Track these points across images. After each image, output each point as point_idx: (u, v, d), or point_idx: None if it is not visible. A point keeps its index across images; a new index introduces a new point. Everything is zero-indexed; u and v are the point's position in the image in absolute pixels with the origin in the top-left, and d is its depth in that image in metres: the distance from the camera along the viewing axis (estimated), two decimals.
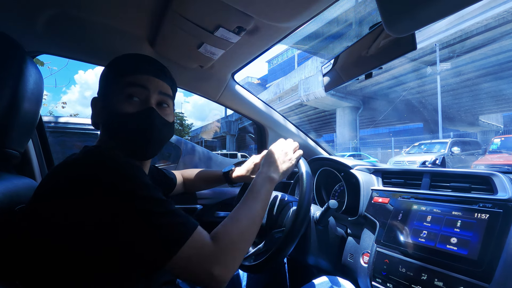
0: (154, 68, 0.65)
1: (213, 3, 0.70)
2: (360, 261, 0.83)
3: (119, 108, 0.60)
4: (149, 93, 0.62)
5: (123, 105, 0.60)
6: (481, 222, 0.63)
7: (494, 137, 8.68)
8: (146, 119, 0.61)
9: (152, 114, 0.62)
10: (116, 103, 0.61)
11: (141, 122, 0.61)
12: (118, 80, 0.62)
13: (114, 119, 0.61)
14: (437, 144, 10.23)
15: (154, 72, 0.65)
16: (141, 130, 0.61)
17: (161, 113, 0.64)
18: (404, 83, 15.40)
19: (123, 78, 0.62)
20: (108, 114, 0.62)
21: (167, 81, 0.67)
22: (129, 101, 0.61)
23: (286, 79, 22.65)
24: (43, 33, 0.85)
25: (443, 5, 0.40)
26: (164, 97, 0.66)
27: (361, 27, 12.90)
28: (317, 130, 27.33)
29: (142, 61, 0.66)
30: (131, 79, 0.62)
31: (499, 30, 10.53)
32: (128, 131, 0.61)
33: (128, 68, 0.63)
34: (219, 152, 16.06)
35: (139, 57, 0.67)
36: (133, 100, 0.61)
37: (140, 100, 0.62)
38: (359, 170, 1.00)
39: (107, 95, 0.63)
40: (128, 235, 0.48)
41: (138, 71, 0.63)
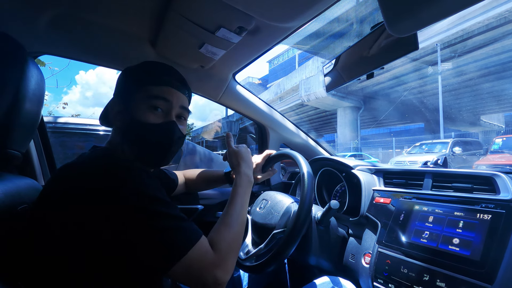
0: (176, 80, 0.68)
1: (214, 3, 0.70)
2: (362, 262, 0.83)
3: (142, 117, 0.62)
4: (171, 106, 0.66)
5: (146, 115, 0.63)
6: (483, 223, 0.63)
7: (496, 137, 8.64)
8: (167, 132, 0.65)
9: (173, 128, 0.66)
10: (138, 111, 0.63)
11: (162, 134, 0.65)
12: (141, 89, 0.64)
13: (135, 127, 0.63)
14: (439, 144, 10.20)
15: (176, 85, 0.68)
16: (161, 141, 0.65)
17: (179, 126, 0.68)
18: (405, 83, 15.36)
19: (147, 88, 0.64)
20: (128, 120, 0.63)
21: (185, 93, 0.70)
22: (152, 112, 0.63)
23: (287, 79, 22.64)
24: (45, 33, 0.85)
25: (445, 5, 0.40)
26: (183, 111, 0.69)
27: (362, 27, 12.88)
28: (318, 130, 27.29)
29: (166, 73, 0.68)
30: (156, 91, 0.64)
31: (500, 30, 10.49)
32: (148, 140, 0.64)
33: (153, 79, 0.65)
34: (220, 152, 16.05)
35: (162, 68, 0.69)
36: (157, 112, 0.64)
37: (163, 111, 0.65)
38: (361, 171, 1.00)
39: (127, 101, 0.64)
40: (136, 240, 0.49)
41: (163, 82, 0.66)
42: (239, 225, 0.66)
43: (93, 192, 0.49)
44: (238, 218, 0.67)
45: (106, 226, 0.48)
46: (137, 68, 0.68)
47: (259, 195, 0.99)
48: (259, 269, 0.74)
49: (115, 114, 0.66)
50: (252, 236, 0.88)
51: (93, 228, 0.48)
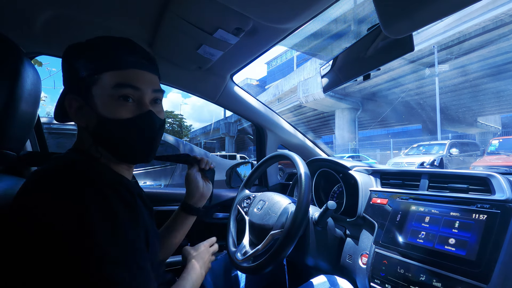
0: (142, 57, 0.57)
1: (212, 4, 0.70)
2: (359, 262, 0.83)
3: (110, 113, 0.53)
4: (142, 93, 0.55)
5: (115, 109, 0.53)
6: (479, 223, 0.63)
7: (492, 138, 8.69)
8: (146, 125, 0.56)
9: (151, 118, 0.56)
10: (104, 106, 0.53)
11: (140, 129, 0.56)
12: (99, 78, 0.53)
13: (105, 126, 0.53)
14: (436, 146, 10.24)
15: (144, 64, 0.56)
16: (141, 137, 0.56)
17: (156, 112, 0.58)
18: (402, 84, 15.44)
19: (107, 75, 0.53)
20: (94, 119, 0.54)
21: (154, 71, 0.59)
22: (122, 105, 0.53)
23: (285, 80, 22.70)
24: (41, 34, 0.85)
25: (439, 7, 0.40)
26: (157, 94, 0.59)
27: (359, 28, 12.94)
28: (316, 132, 27.36)
29: (128, 50, 0.56)
30: (120, 77, 0.53)
31: (496, 32, 10.58)
32: (125, 139, 0.55)
33: (112, 62, 0.54)
34: (218, 153, 16.05)
35: (121, 44, 0.57)
36: (127, 103, 0.54)
37: (134, 101, 0.55)
38: (358, 171, 1.00)
39: (85, 95, 0.54)
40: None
41: (127, 64, 0.54)
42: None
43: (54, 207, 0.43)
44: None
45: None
46: (86, 48, 0.55)
47: (257, 196, 0.99)
48: (257, 270, 0.74)
49: (75, 111, 0.55)
50: (250, 237, 0.88)
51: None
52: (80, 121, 0.56)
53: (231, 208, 1.02)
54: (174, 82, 1.18)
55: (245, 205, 0.98)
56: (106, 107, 0.53)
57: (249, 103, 1.34)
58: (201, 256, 0.76)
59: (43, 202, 0.44)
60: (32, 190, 0.47)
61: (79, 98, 0.54)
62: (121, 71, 0.53)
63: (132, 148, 0.57)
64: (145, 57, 0.57)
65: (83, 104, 0.54)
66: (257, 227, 0.86)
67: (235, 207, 1.01)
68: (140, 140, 0.57)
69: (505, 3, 9.59)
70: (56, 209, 0.43)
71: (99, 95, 0.53)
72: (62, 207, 0.43)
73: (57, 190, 0.45)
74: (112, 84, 0.52)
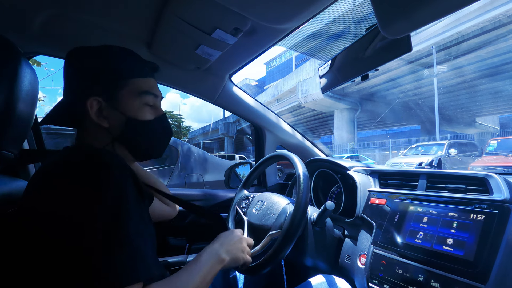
0: (152, 68, 0.67)
1: (210, 4, 0.70)
2: (357, 263, 0.83)
3: (139, 115, 0.61)
4: (158, 100, 0.66)
5: (143, 112, 0.62)
6: (477, 223, 0.63)
7: (491, 139, 8.73)
8: (166, 124, 0.67)
9: (166, 119, 0.68)
10: (133, 109, 0.61)
11: (162, 129, 0.66)
12: (127, 83, 0.61)
13: (136, 126, 0.62)
14: (434, 146, 10.26)
15: (153, 73, 0.67)
16: (163, 135, 0.68)
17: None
18: (401, 85, 15.48)
19: (134, 82, 0.61)
20: (123, 119, 0.60)
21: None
22: (146, 109, 0.63)
23: (284, 81, 22.72)
24: (39, 34, 0.84)
25: (437, 7, 0.40)
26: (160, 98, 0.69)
27: (358, 29, 12.97)
28: (315, 132, 27.39)
29: (144, 61, 0.66)
30: (145, 85, 0.63)
31: (495, 33, 10.63)
32: (151, 137, 0.65)
33: (138, 71, 0.63)
34: (217, 154, 16.06)
35: (132, 53, 0.65)
36: (149, 107, 0.64)
37: (153, 106, 0.65)
38: (356, 172, 1.00)
39: (110, 97, 0.60)
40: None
41: (148, 74, 0.65)
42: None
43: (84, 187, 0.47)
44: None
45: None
46: (112, 56, 0.62)
47: (255, 196, 0.99)
48: (255, 270, 0.74)
49: (96, 112, 0.59)
50: (248, 237, 0.88)
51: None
52: (102, 122, 0.60)
53: (230, 209, 1.01)
54: (172, 82, 1.18)
55: (244, 206, 0.98)
56: (134, 110, 0.61)
57: (247, 104, 1.34)
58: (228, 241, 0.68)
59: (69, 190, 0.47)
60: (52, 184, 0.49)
61: (102, 100, 0.59)
62: (145, 79, 0.63)
63: (154, 144, 0.67)
64: (153, 66, 0.67)
65: (106, 106, 0.59)
66: (256, 228, 0.86)
67: (234, 207, 1.01)
68: (162, 138, 0.68)
69: (503, 4, 9.63)
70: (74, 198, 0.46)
71: (127, 99, 0.60)
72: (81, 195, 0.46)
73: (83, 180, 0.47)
74: (139, 90, 0.61)
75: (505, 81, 13.57)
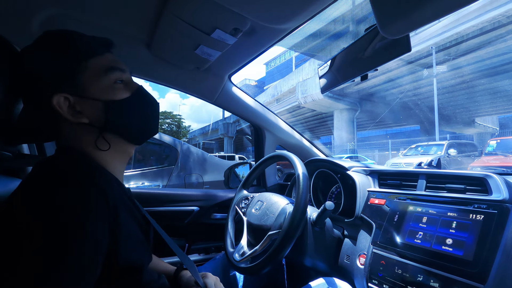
0: (105, 43, 0.60)
1: (210, 4, 0.70)
2: (357, 263, 0.83)
3: (115, 96, 0.54)
4: (125, 73, 0.58)
5: (116, 92, 0.55)
6: (476, 223, 0.63)
7: (490, 139, 8.73)
8: (148, 97, 0.60)
9: (145, 91, 0.60)
10: (105, 91, 0.54)
11: (145, 101, 0.59)
12: (83, 67, 0.52)
13: (116, 108, 0.54)
14: (434, 146, 10.27)
15: (108, 49, 0.59)
16: (149, 107, 0.60)
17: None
18: (401, 85, 15.50)
19: (90, 63, 0.53)
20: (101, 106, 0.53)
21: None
22: (118, 87, 0.56)
23: (284, 81, 22.72)
24: (38, 33, 0.84)
25: (436, 7, 0.40)
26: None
27: (357, 29, 12.99)
28: (314, 132, 27.39)
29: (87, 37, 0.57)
30: (104, 62, 0.55)
31: (494, 33, 10.64)
32: (137, 113, 0.58)
33: (88, 49, 0.55)
34: (217, 154, 16.05)
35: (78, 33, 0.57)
36: (121, 85, 0.56)
37: (123, 82, 0.57)
38: (356, 172, 1.00)
39: (77, 87, 0.52)
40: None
41: (102, 50, 0.56)
42: None
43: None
44: None
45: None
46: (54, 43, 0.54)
47: (255, 197, 0.99)
48: (255, 270, 0.74)
49: (69, 110, 0.52)
50: (248, 238, 0.88)
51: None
52: (80, 117, 0.53)
53: (229, 209, 1.01)
54: (172, 83, 1.18)
55: (243, 206, 0.98)
56: (106, 92, 0.54)
57: (247, 104, 1.34)
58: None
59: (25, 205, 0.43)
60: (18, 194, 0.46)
61: (68, 94, 0.52)
62: (102, 56, 0.55)
63: (144, 121, 0.60)
64: (107, 42, 0.60)
65: (75, 99, 0.52)
66: (255, 228, 0.86)
67: (233, 207, 1.01)
68: (150, 111, 0.61)
69: (503, 5, 9.65)
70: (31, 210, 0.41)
71: (93, 82, 0.53)
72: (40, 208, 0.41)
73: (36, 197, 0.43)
74: (102, 69, 0.54)
75: (504, 81, 13.58)
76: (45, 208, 0.41)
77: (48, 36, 0.55)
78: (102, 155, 0.56)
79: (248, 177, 1.06)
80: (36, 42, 0.54)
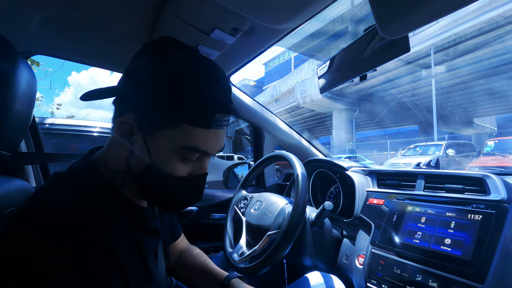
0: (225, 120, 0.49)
1: (209, 4, 0.70)
2: (356, 263, 0.84)
3: (168, 167, 0.46)
4: (208, 157, 0.51)
5: (175, 166, 0.46)
6: (474, 223, 0.64)
7: (488, 139, 8.77)
8: (197, 186, 0.51)
9: (203, 181, 0.52)
10: (164, 158, 0.46)
11: (191, 188, 0.51)
12: (177, 126, 0.44)
13: (157, 175, 0.46)
14: (432, 146, 10.31)
15: (224, 124, 0.48)
16: (188, 195, 0.51)
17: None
18: (399, 86, 15.54)
19: (187, 129, 0.44)
20: (146, 161, 0.46)
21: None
22: (183, 163, 0.47)
23: (283, 81, 22.73)
24: (37, 33, 0.84)
25: (435, 8, 0.41)
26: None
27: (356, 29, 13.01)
28: (313, 132, 27.41)
29: (222, 102, 0.47)
30: (197, 139, 0.45)
31: (492, 34, 10.69)
32: (170, 192, 0.49)
33: (205, 118, 0.45)
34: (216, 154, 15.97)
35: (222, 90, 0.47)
36: (189, 163, 0.48)
37: (195, 161, 0.49)
38: (355, 172, 1.01)
39: (147, 130, 0.45)
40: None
41: (212, 123, 0.45)
42: None
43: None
44: None
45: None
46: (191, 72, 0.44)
47: (254, 197, 0.99)
48: (253, 270, 0.74)
49: (124, 133, 0.46)
50: (246, 238, 0.88)
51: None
52: (124, 148, 0.47)
53: (228, 209, 1.01)
54: None
55: (242, 206, 0.98)
56: (164, 159, 0.46)
57: (246, 104, 1.34)
58: None
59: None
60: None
61: (135, 125, 0.45)
62: (205, 130, 0.45)
63: (171, 202, 0.52)
64: (233, 114, 0.49)
65: (137, 133, 0.45)
66: (254, 228, 0.86)
67: (232, 207, 1.01)
68: (183, 198, 0.52)
69: (501, 5, 9.69)
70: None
71: (164, 143, 0.45)
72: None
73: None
74: (187, 144, 0.45)
75: (502, 82, 13.64)
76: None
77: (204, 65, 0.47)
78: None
79: (247, 177, 1.06)
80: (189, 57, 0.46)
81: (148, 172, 0.46)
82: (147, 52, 0.48)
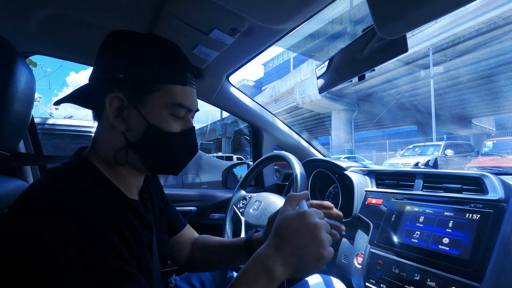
0: (196, 74, 0.57)
1: (207, 4, 0.70)
2: (354, 262, 0.84)
3: (164, 126, 0.52)
4: (191, 112, 0.57)
5: (169, 123, 0.53)
6: (472, 222, 0.64)
7: (486, 139, 8.80)
8: (191, 139, 0.58)
9: (194, 134, 0.59)
10: (158, 118, 0.52)
11: (187, 142, 0.57)
12: (161, 87, 0.51)
13: (157, 136, 0.52)
14: (431, 147, 10.33)
15: (194, 81, 0.57)
16: (187, 149, 0.58)
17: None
18: (398, 86, 15.59)
19: (169, 89, 0.51)
20: (144, 126, 0.51)
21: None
22: (174, 120, 0.54)
23: (282, 82, 22.77)
24: (36, 33, 0.84)
25: (432, 8, 0.41)
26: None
27: (354, 29, 13.05)
28: (312, 133, 27.44)
29: (187, 65, 0.55)
30: (181, 95, 0.52)
31: (490, 34, 10.74)
32: (172, 149, 0.55)
33: (177, 77, 0.53)
34: (215, 154, 16.03)
35: (183, 57, 0.55)
36: (178, 119, 0.55)
37: (183, 118, 0.56)
38: (353, 172, 1.01)
39: (137, 99, 0.51)
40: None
41: (187, 81, 0.54)
42: None
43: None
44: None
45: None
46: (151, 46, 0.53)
47: (253, 197, 0.99)
48: None
49: (115, 111, 0.50)
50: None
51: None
52: (119, 124, 0.51)
53: (227, 209, 1.01)
54: None
55: (241, 206, 0.98)
56: (159, 119, 0.52)
57: (245, 104, 1.34)
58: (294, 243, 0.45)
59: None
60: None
61: (125, 98, 0.50)
62: (183, 87, 0.53)
63: (173, 160, 0.57)
64: (200, 73, 0.57)
65: (128, 106, 0.51)
66: (253, 228, 0.86)
67: (231, 207, 1.01)
68: (184, 153, 0.58)
69: (499, 6, 9.74)
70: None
71: (155, 105, 0.51)
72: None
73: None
74: (173, 101, 0.52)
75: (500, 82, 13.69)
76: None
77: (155, 39, 0.55)
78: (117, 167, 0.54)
79: (246, 177, 1.06)
80: (142, 36, 0.54)
81: (147, 135, 0.52)
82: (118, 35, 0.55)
